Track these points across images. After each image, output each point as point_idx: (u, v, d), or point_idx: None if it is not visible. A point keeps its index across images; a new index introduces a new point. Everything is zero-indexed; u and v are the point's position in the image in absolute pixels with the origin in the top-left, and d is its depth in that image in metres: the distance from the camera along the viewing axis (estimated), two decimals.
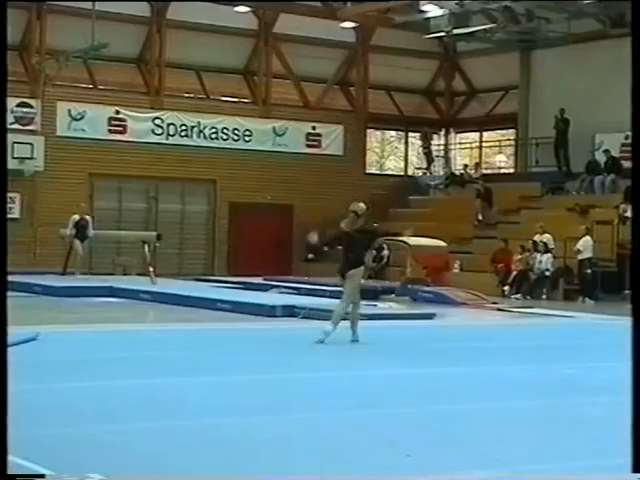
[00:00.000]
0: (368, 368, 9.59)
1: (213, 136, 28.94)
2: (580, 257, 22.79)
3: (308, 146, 30.34)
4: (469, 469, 5.35)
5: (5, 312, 4.44)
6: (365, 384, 8.46)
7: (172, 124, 28.32)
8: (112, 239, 26.06)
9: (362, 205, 12.51)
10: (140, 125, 27.97)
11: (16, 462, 4.66)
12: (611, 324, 16.35)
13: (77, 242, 22.61)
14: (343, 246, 12.23)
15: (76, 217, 22.87)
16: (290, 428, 6.38)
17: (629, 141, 28.08)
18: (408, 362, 10.16)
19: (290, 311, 16.34)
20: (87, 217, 23.16)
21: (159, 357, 9.93)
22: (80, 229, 22.74)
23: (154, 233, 23.70)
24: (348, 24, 30.08)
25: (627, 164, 26.19)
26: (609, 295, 22.64)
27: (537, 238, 23.50)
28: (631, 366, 4.15)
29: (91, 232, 22.97)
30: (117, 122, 27.63)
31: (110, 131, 27.55)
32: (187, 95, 29.38)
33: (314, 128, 30.39)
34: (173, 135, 28.34)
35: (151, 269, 21.25)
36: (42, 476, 4.53)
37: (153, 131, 28.11)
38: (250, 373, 8.82)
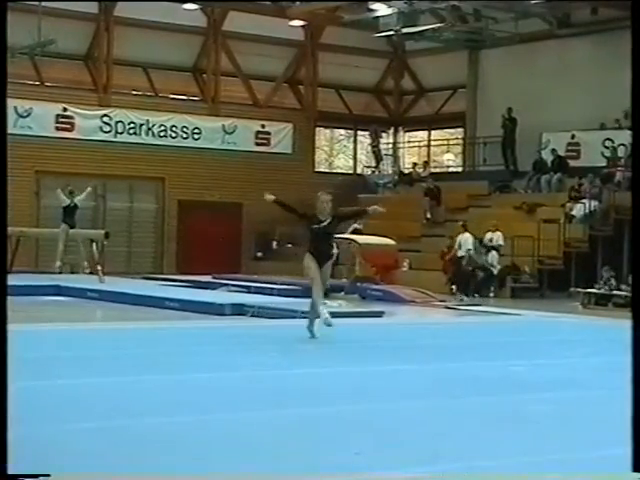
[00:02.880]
0: (315, 366, 9.59)
1: (162, 134, 28.82)
2: (459, 253, 23.12)
3: (257, 144, 30.33)
4: (415, 466, 5.37)
5: (5, 312, 4.40)
6: (310, 382, 8.46)
7: (120, 122, 28.17)
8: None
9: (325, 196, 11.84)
10: (88, 123, 27.78)
11: None
12: (558, 322, 16.51)
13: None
14: (315, 234, 11.58)
15: None
16: (238, 427, 6.37)
17: (575, 140, 28.58)
18: (356, 360, 10.17)
19: (239, 309, 16.31)
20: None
21: (102, 356, 9.86)
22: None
23: (102, 231, 23.52)
24: (297, 22, 30.12)
25: (573, 163, 26.48)
26: (556, 293, 22.87)
27: (489, 235, 23.65)
28: (631, 366, 4.19)
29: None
30: (64, 119, 27.43)
31: (57, 128, 27.35)
32: (135, 93, 29.24)
33: (263, 126, 30.38)
34: (121, 133, 28.19)
35: (99, 267, 21.11)
36: (47, 476, 4.47)
37: (101, 129, 27.94)
38: (193, 372, 8.78)
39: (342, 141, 34.89)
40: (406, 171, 32.04)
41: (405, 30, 27.15)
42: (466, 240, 23.24)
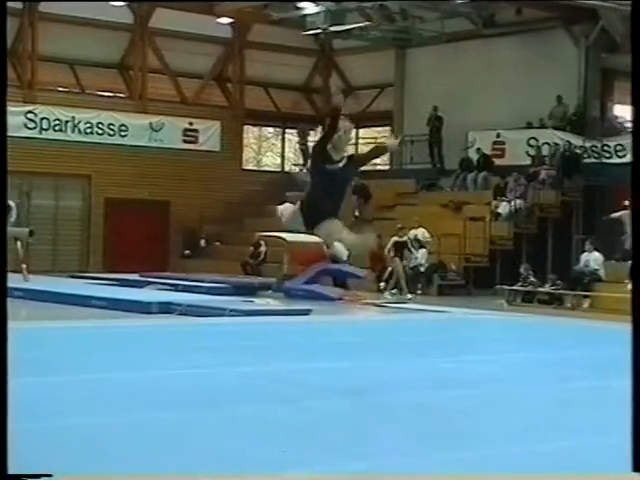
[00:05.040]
0: (242, 365, 9.56)
1: (88, 131, 28.55)
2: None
3: (185, 142, 30.18)
4: (336, 464, 5.40)
5: (5, 312, 4.37)
6: (237, 381, 8.44)
7: (45, 118, 27.84)
8: None
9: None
10: (12, 119, 27.34)
11: None
12: (483, 319, 16.68)
13: None
14: (322, 178, 7.86)
15: None
16: (163, 426, 6.35)
17: (500, 139, 28.91)
18: (281, 358, 10.19)
19: (166, 308, 16.21)
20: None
21: (22, 357, 9.73)
22: None
23: (27, 229, 23.20)
24: (224, 20, 30.04)
25: (498, 161, 26.78)
26: (481, 290, 23.11)
27: (413, 232, 23.81)
28: (631, 367, 4.25)
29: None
30: None
31: None
32: (61, 89, 28.93)
33: (191, 124, 30.24)
34: (47, 129, 27.87)
35: (24, 266, 20.84)
36: (49, 476, 4.44)
37: (26, 125, 27.58)
38: (116, 371, 8.71)
39: (270, 139, 34.89)
40: None
41: (333, 28, 27.25)
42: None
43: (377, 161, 34.01)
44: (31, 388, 7.24)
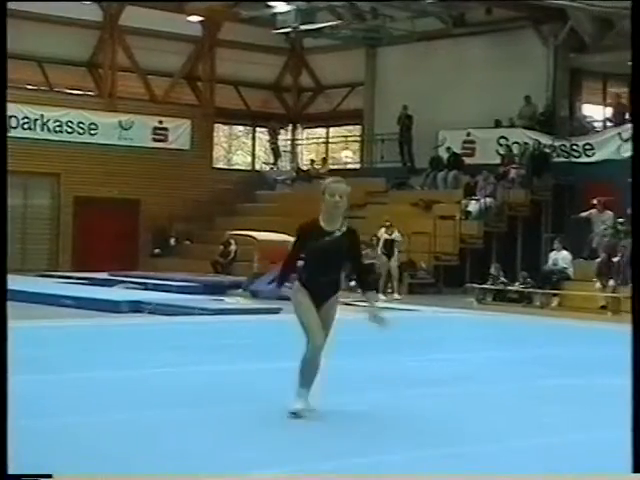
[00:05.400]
0: (211, 363, 9.54)
1: (57, 129, 28.40)
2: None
3: (155, 140, 30.08)
4: (305, 464, 5.41)
5: (5, 312, 4.41)
6: (205, 380, 8.42)
7: (14, 116, 27.64)
8: None
9: (344, 186, 7.23)
10: None
11: None
12: (453, 317, 16.74)
13: None
14: (314, 254, 7.01)
15: None
16: (133, 425, 6.33)
17: (470, 138, 28.96)
18: (251, 357, 10.18)
19: (136, 307, 16.17)
20: None
21: None
22: None
23: None
24: (194, 18, 29.95)
25: (468, 160, 26.87)
26: (451, 288, 23.17)
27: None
28: (631, 367, 4.26)
29: None
30: None
31: None
32: (30, 87, 28.75)
33: (161, 122, 30.14)
34: (15, 128, 27.66)
35: None
36: (49, 476, 4.43)
37: None
38: (87, 371, 8.68)
39: (240, 137, 34.82)
40: (304, 168, 32.14)
41: (303, 27, 27.23)
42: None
43: (347, 159, 34.10)
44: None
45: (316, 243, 6.94)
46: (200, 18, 30.09)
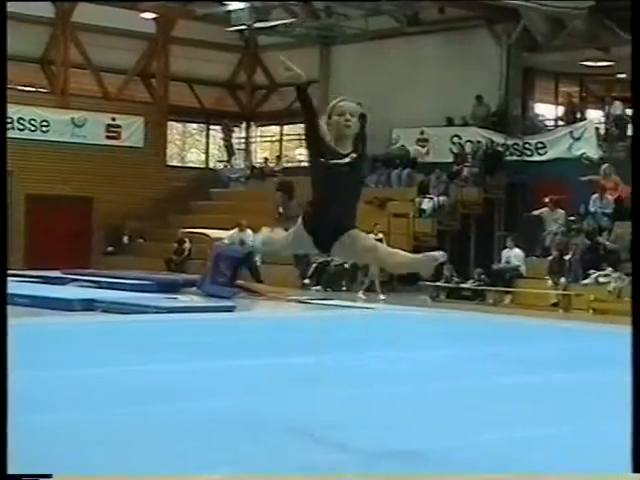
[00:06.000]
0: (161, 362, 9.50)
1: (9, 126, 28.11)
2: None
3: (108, 137, 29.89)
4: (251, 464, 5.41)
5: (5, 312, 4.40)
6: (156, 379, 8.40)
7: None
8: None
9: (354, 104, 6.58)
10: None
11: None
12: (407, 315, 16.80)
13: None
14: (326, 177, 6.14)
15: None
16: (83, 425, 6.30)
17: (424, 136, 29.04)
18: (205, 355, 10.17)
19: (89, 305, 16.07)
20: None
21: None
22: None
23: None
24: (148, 15, 29.81)
25: (421, 159, 26.96)
26: (405, 286, 23.25)
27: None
28: (631, 368, 4.29)
29: None
30: None
31: None
32: None
33: (114, 119, 29.96)
34: None
35: None
36: (49, 476, 4.40)
37: None
38: (37, 370, 8.62)
39: (194, 135, 34.73)
40: (258, 165, 32.11)
41: (257, 25, 27.21)
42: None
43: (301, 157, 34.09)
44: None
45: (327, 166, 5.99)
46: (154, 15, 29.95)
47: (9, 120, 28.05)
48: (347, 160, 6.15)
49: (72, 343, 11.18)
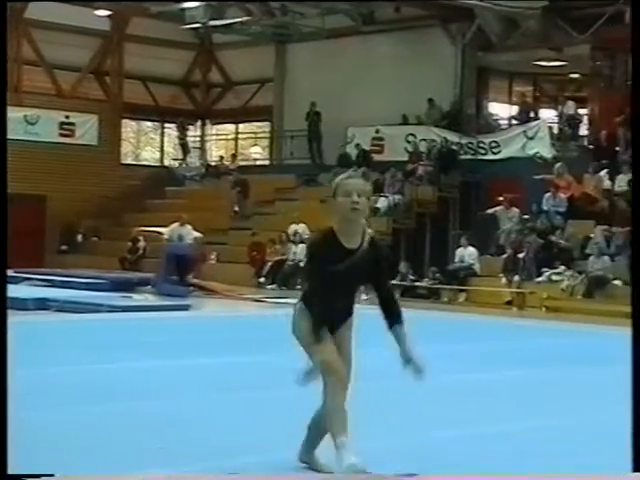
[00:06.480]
0: (113, 361, 9.45)
1: None
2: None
3: (61, 135, 29.68)
4: (209, 460, 5.41)
5: (5, 312, 4.36)
6: (107, 377, 8.36)
7: None
8: None
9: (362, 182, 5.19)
10: None
11: None
12: (363, 314, 16.83)
13: None
14: (332, 279, 5.24)
15: None
16: (37, 425, 6.26)
17: (379, 135, 29.11)
18: (153, 354, 10.14)
19: (42, 304, 15.94)
20: None
21: None
22: None
23: None
24: (102, 12, 29.63)
25: (377, 157, 27.03)
26: None
27: (293, 227, 23.91)
28: (631, 367, 4.31)
29: None
30: None
31: None
32: None
33: (67, 117, 29.76)
34: None
35: None
36: (51, 476, 4.36)
37: None
38: None
39: (149, 133, 34.58)
40: (213, 164, 32.03)
41: (212, 23, 27.12)
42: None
43: (256, 156, 34.08)
44: None
45: (336, 267, 5.10)
46: (108, 13, 29.78)
47: None
48: (357, 257, 5.14)
49: (24, 342, 11.09)
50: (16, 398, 7.09)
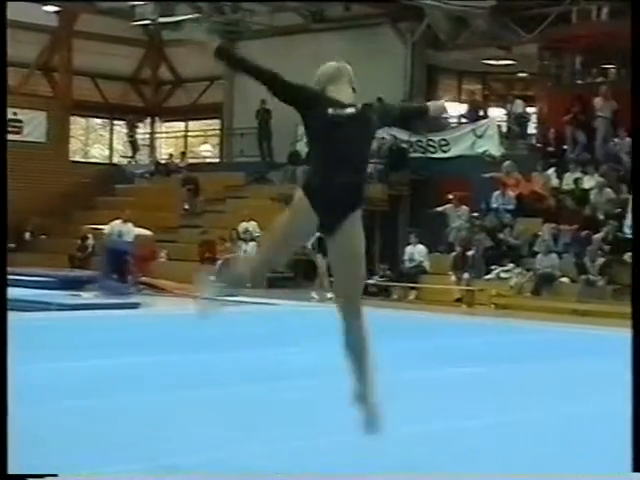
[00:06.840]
0: (61, 360, 9.38)
1: None
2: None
3: (9, 132, 29.35)
4: (130, 463, 5.39)
5: (5, 312, 4.45)
6: (50, 376, 8.30)
7: None
8: None
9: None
10: None
11: None
12: (312, 311, 16.86)
13: None
14: (325, 140, 5.09)
15: None
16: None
17: None
18: (109, 352, 10.09)
19: None
20: None
21: None
22: None
23: None
24: (50, 7, 29.38)
25: None
26: (311, 282, 23.29)
27: (244, 225, 23.88)
28: (631, 367, 4.33)
29: None
30: None
31: None
32: None
33: (15, 114, 29.46)
34: None
35: None
36: (54, 476, 4.35)
37: None
38: None
39: (98, 130, 34.36)
40: (163, 161, 31.91)
41: (162, 19, 27.01)
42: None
43: (206, 154, 33.99)
44: None
45: (327, 120, 4.87)
46: (56, 8, 29.53)
47: None
48: (352, 111, 5.09)
49: None
50: None
